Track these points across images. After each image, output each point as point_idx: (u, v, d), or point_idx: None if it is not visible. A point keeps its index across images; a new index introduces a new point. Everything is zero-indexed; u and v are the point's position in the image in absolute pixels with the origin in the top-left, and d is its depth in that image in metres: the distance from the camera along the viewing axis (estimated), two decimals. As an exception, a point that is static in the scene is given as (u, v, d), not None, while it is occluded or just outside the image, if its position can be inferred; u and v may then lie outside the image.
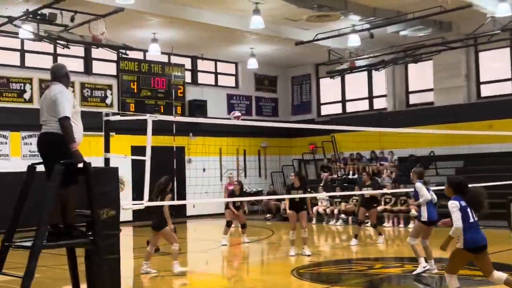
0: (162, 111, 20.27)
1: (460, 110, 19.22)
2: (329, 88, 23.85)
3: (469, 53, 19.77)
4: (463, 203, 6.26)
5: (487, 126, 17.53)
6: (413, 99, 21.74)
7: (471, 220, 6.22)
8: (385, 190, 16.04)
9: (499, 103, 18.76)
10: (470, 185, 13.67)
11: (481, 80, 19.95)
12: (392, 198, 17.43)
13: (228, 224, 13.70)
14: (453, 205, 6.23)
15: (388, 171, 19.20)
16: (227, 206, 13.96)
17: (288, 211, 12.20)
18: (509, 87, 19.23)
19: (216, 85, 22.98)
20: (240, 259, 12.62)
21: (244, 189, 18.25)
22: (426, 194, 9.15)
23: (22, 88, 17.74)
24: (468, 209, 6.26)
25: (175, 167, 19.14)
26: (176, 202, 11.63)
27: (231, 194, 14.42)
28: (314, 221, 18.71)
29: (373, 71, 20.84)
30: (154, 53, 18.73)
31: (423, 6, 15.07)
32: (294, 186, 11.98)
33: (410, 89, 21.82)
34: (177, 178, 19.26)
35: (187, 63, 21.88)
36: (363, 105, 23.06)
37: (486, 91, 19.84)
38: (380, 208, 17.11)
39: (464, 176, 17.27)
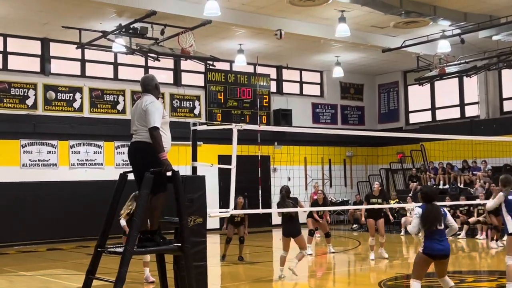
0: (248, 120, 20.52)
1: (559, 117, 18.13)
2: (417, 96, 23.21)
3: None
4: None
5: None
6: (508, 106, 20.74)
7: None
8: (477, 201, 15.36)
9: None
10: None
11: None
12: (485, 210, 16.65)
13: (311, 233, 13.61)
14: None
15: (481, 181, 18.38)
16: (309, 215, 13.89)
17: (363, 219, 12.85)
18: None
19: (301, 94, 22.98)
20: (325, 269, 12.49)
21: (329, 199, 18.09)
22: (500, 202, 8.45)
23: (116, 99, 18.55)
24: None
25: (260, 176, 19.25)
26: (262, 211, 11.65)
27: (314, 203, 14.38)
28: (402, 232, 18.23)
29: (464, 78, 20.08)
30: (240, 64, 19.02)
31: (518, 8, 14.39)
32: (373, 195, 12.62)
33: (504, 96, 20.84)
34: (262, 187, 19.38)
35: (272, 72, 22.04)
36: (454, 113, 22.25)
37: None
38: (472, 219, 16.44)
39: None
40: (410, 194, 19.54)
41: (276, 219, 20.86)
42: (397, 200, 19.31)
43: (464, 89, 21.85)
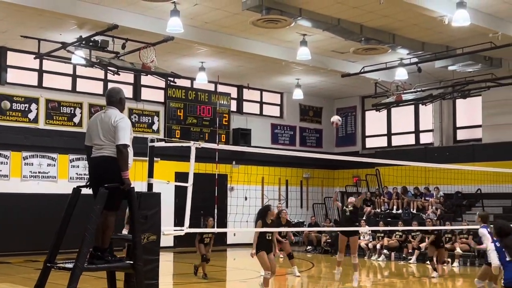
0: (207, 138, 20.47)
1: (509, 148, 18.71)
2: (374, 121, 23.64)
3: (519, 90, 19.32)
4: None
5: (538, 165, 16.98)
6: (461, 135, 21.33)
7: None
8: (426, 227, 15.65)
9: (551, 142, 18.19)
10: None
11: (532, 118, 19.42)
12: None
13: (290, 256, 13.49)
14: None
15: (433, 207, 18.77)
16: (284, 237, 13.75)
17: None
18: (562, 126, 18.65)
19: (261, 114, 23.11)
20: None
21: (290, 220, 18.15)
22: (488, 239, 8.77)
23: (72, 112, 18.25)
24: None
25: (216, 194, 19.22)
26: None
27: (277, 224, 13.97)
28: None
29: (420, 105, 20.58)
30: (201, 82, 19.03)
31: (473, 41, 14.88)
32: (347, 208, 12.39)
33: (458, 125, 21.43)
34: (219, 206, 19.33)
35: (233, 92, 22.12)
36: (409, 139, 22.74)
37: (537, 129, 19.28)
38: (423, 245, 16.72)
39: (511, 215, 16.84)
40: (364, 218, 19.77)
41: (232, 239, 20.81)
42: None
43: (419, 117, 22.37)
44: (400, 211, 19.89)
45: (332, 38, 15.34)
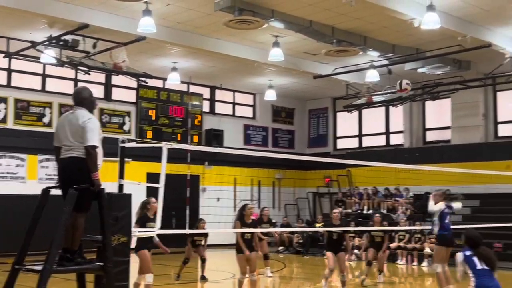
0: (179, 139, 20.40)
1: (477, 149, 19.09)
2: (346, 122, 23.85)
3: (487, 93, 19.71)
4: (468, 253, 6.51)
5: (504, 167, 17.34)
6: (430, 136, 21.65)
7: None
8: (398, 228, 15.87)
9: (517, 143, 18.59)
10: (485, 225, 13.55)
11: (499, 120, 19.83)
12: (406, 235, 17.24)
13: (266, 257, 13.46)
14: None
15: (403, 208, 19.02)
16: (261, 238, 13.69)
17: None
18: (528, 127, 19.09)
19: (233, 115, 23.12)
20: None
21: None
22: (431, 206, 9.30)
23: (42, 112, 18.00)
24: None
25: (188, 195, 19.13)
26: (189, 231, 11.60)
27: (260, 221, 13.66)
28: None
29: (391, 107, 20.83)
30: (174, 82, 18.95)
31: (442, 44, 15.13)
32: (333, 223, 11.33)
33: (427, 126, 21.75)
34: (190, 206, 19.27)
35: (206, 92, 22.08)
36: (380, 140, 23.00)
37: (504, 131, 19.68)
38: (394, 245, 16.94)
39: (480, 216, 17.16)
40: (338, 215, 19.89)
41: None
42: (322, 223, 19.63)
43: (390, 118, 22.64)
44: (370, 211, 20.10)
45: (304, 39, 15.43)
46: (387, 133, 22.80)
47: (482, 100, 19.71)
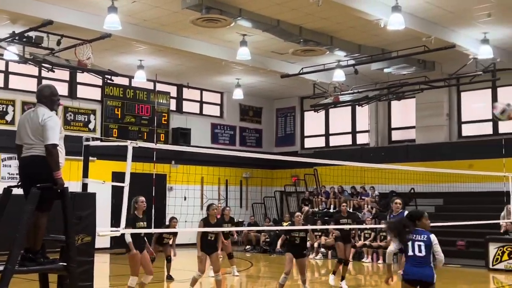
0: (145, 137, 20.23)
1: (441, 149, 19.43)
2: (313, 122, 24.00)
3: (451, 93, 20.09)
4: None
5: (467, 165, 17.70)
6: (395, 135, 21.94)
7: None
8: (364, 226, 16.03)
9: (479, 143, 18.99)
10: (449, 224, 13.75)
11: (463, 119, 20.23)
12: (372, 234, 17.44)
13: (230, 256, 13.44)
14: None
15: (368, 206, 19.23)
16: (226, 237, 13.65)
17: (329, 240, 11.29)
18: (490, 127, 19.50)
19: (201, 114, 23.03)
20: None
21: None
22: None
23: (5, 109, 17.61)
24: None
25: (154, 194, 18.90)
26: (154, 230, 11.47)
27: (221, 221, 13.74)
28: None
29: (357, 107, 21.03)
30: (140, 80, 18.77)
31: (408, 45, 15.34)
32: (342, 215, 12.08)
33: (393, 126, 22.04)
34: (157, 206, 19.08)
35: (173, 91, 21.94)
36: (346, 140, 23.22)
37: (467, 130, 20.10)
38: (359, 243, 17.12)
39: (443, 214, 17.47)
40: (302, 217, 20.01)
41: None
42: (289, 222, 19.72)
43: (356, 118, 22.87)
44: (337, 210, 20.25)
45: (272, 39, 15.46)
46: (354, 132, 23.02)
47: (446, 100, 20.08)
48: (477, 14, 14.00)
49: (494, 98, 19.34)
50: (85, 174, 6.47)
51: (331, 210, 20.43)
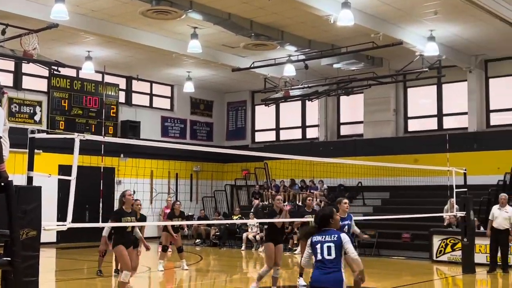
0: (93, 130, 19.86)
1: (388, 143, 19.86)
2: (264, 116, 24.11)
3: (398, 89, 20.55)
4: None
5: (412, 160, 18.17)
6: (344, 130, 22.29)
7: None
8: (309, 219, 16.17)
9: (424, 138, 19.52)
10: (395, 216, 13.98)
11: (409, 115, 20.73)
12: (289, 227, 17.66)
13: (165, 249, 13.37)
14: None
15: (317, 200, 19.48)
16: (164, 229, 13.60)
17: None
18: (435, 123, 20.07)
19: (150, 106, 22.78)
20: (166, 285, 12.41)
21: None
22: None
23: None
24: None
25: (102, 188, 18.56)
26: (103, 224, 11.28)
27: (171, 215, 13.55)
28: (243, 247, 18.70)
29: (307, 101, 21.25)
30: (88, 71, 18.37)
31: (356, 41, 15.59)
32: (306, 210, 11.73)
33: (342, 121, 22.38)
34: (104, 200, 18.78)
35: (122, 83, 21.61)
36: (297, 134, 23.44)
37: (413, 126, 20.61)
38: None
39: (390, 207, 17.89)
40: (252, 210, 20.16)
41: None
42: (240, 215, 19.82)
43: (306, 112, 23.11)
44: (286, 203, 20.43)
45: (223, 32, 15.43)
46: (304, 126, 23.26)
47: (393, 96, 20.53)
48: (424, 12, 14.35)
49: (439, 94, 19.92)
50: (30, 167, 6.31)
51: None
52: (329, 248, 5.56)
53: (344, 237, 5.65)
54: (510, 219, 12.82)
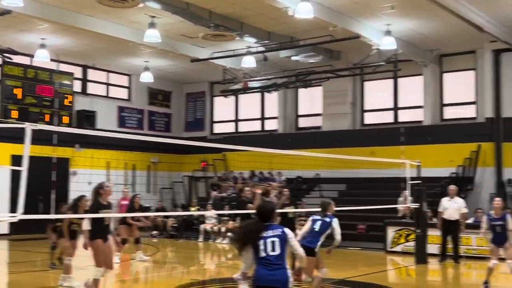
0: (47, 119, 19.39)
1: (345, 136, 20.08)
2: (223, 107, 24.02)
3: (355, 82, 20.76)
4: None
5: (369, 152, 18.41)
6: (303, 122, 22.41)
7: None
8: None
9: (380, 131, 19.80)
10: (351, 208, 14.11)
11: (365, 108, 20.99)
12: (279, 218, 17.75)
13: (124, 242, 13.19)
14: None
15: (275, 192, 19.53)
16: (122, 221, 13.42)
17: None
18: (391, 116, 20.37)
19: (107, 96, 22.40)
20: (122, 276, 12.27)
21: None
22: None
23: None
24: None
25: (54, 179, 18.21)
26: (55, 216, 11.09)
27: (130, 208, 13.43)
28: (201, 239, 18.65)
29: (266, 93, 21.27)
30: (42, 59, 17.91)
31: (315, 34, 15.66)
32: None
33: (300, 113, 22.49)
34: (58, 190, 18.45)
35: (77, 71, 21.16)
36: (255, 126, 23.44)
37: (369, 119, 20.88)
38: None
39: (346, 199, 18.12)
40: (211, 202, 20.11)
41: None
42: (197, 207, 19.74)
43: (265, 104, 23.13)
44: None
45: (182, 22, 15.26)
46: (262, 118, 23.28)
47: (351, 89, 20.72)
48: (381, 6, 14.51)
49: (395, 88, 20.23)
50: (-21, 157, 6.12)
51: (239, 195, 20.61)
52: (273, 243, 5.26)
53: (289, 232, 5.38)
54: (460, 210, 13.16)
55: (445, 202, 13.57)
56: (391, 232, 15.29)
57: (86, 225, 8.46)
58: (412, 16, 15.36)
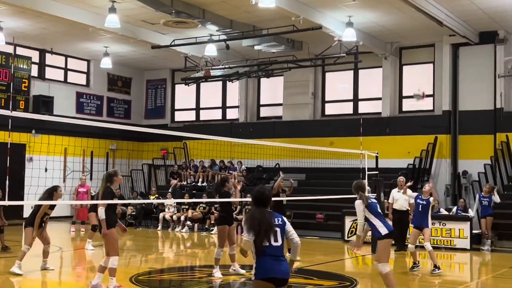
0: (2, 104, 18.90)
1: (305, 126, 20.21)
2: (184, 95, 23.83)
3: (316, 73, 20.88)
4: None
5: (328, 143, 18.59)
6: (264, 112, 22.45)
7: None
8: (232, 199, 16.24)
9: (340, 121, 20.00)
10: (306, 198, 14.23)
11: (326, 99, 21.15)
12: (238, 207, 17.80)
13: (94, 228, 12.99)
14: None
15: (236, 180, 19.57)
16: (91, 209, 13.22)
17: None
18: (350, 107, 20.59)
19: (65, 81, 21.95)
20: (78, 264, 12.11)
21: (90, 193, 17.69)
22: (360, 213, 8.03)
23: None
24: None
25: (8, 165, 17.70)
26: (10, 203, 10.82)
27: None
28: (159, 227, 18.55)
29: (228, 82, 21.20)
30: (-3, 42, 17.42)
31: (278, 23, 15.66)
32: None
33: (261, 103, 22.51)
34: (14, 177, 18.02)
35: (35, 56, 20.65)
36: (217, 114, 23.36)
37: (330, 109, 21.06)
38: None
39: (305, 188, 18.27)
40: (170, 190, 20.00)
41: (29, 212, 19.55)
42: (157, 195, 19.60)
43: (226, 93, 23.06)
44: (205, 183, 20.45)
45: (143, 7, 15.04)
46: (224, 107, 23.22)
47: (312, 79, 20.84)
48: (343, -2, 14.61)
49: (356, 79, 20.44)
50: None
51: (199, 184, 20.57)
52: (275, 233, 4.83)
53: (287, 220, 5.08)
54: (409, 200, 13.46)
55: (394, 193, 13.88)
56: (348, 221, 15.50)
57: (101, 214, 8.36)
58: (373, 8, 15.51)
